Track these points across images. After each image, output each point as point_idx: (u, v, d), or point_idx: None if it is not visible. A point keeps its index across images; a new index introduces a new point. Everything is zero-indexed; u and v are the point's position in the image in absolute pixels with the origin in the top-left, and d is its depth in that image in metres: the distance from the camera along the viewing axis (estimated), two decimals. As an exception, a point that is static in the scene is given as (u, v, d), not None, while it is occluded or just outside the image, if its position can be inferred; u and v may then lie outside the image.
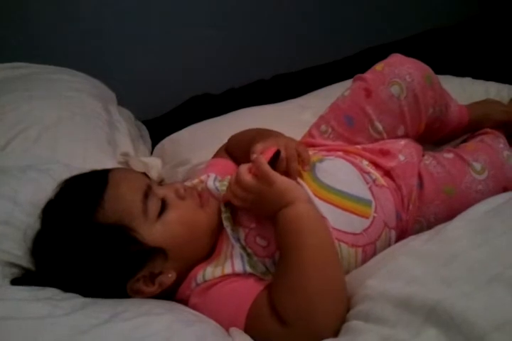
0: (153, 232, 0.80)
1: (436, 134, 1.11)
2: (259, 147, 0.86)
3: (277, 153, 0.84)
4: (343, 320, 0.73)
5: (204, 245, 0.86)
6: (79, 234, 0.79)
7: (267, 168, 0.80)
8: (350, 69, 1.29)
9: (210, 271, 0.81)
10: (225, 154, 1.11)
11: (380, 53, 1.13)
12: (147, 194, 0.82)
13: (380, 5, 2.37)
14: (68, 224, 0.80)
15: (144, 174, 0.91)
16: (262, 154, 0.83)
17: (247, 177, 0.81)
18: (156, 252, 0.80)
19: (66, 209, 0.82)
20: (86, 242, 0.78)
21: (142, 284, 0.80)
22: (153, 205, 0.82)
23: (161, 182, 0.92)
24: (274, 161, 0.83)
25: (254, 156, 0.82)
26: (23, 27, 1.83)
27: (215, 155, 1.14)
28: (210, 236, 0.86)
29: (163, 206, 0.83)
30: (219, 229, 0.87)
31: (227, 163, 1.07)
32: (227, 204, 0.87)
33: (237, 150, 1.07)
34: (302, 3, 2.26)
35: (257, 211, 0.84)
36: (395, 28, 2.29)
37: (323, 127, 1.07)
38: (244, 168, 0.82)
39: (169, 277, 0.81)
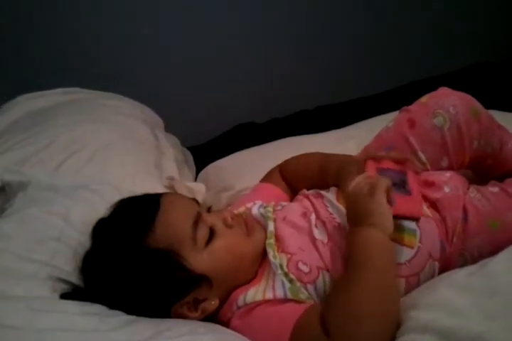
0: (200, 260, 0.82)
1: (493, 171, 1.09)
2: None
3: None
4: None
5: (247, 272, 0.87)
6: (128, 256, 0.81)
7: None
8: (393, 102, 1.30)
9: (251, 295, 0.82)
10: (276, 175, 1.10)
11: (425, 87, 1.13)
12: (197, 221, 0.84)
13: (427, 39, 2.37)
14: (118, 245, 0.82)
15: (194, 200, 0.92)
16: None
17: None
18: (202, 280, 0.81)
19: (117, 231, 0.84)
20: (134, 265, 0.80)
21: (186, 310, 0.81)
22: (202, 233, 0.83)
23: (209, 209, 0.94)
24: None
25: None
26: (79, 55, 1.90)
27: (266, 176, 1.13)
28: (254, 263, 0.88)
29: (211, 234, 0.84)
30: (262, 254, 0.88)
31: (271, 188, 1.08)
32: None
33: (294, 173, 1.08)
34: (346, 37, 2.29)
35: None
36: (441, 61, 2.29)
37: (367, 158, 1.08)
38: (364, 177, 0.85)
39: (212, 304, 0.83)
